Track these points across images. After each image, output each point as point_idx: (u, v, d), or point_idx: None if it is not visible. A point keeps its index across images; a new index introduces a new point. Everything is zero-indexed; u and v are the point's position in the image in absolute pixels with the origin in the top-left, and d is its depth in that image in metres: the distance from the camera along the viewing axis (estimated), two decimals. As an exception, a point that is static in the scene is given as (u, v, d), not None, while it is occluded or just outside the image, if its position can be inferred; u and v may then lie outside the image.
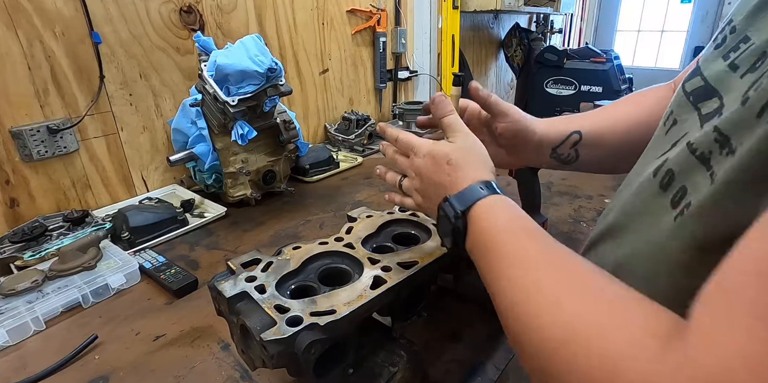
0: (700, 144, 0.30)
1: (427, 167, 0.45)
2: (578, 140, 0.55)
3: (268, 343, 0.38)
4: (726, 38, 0.34)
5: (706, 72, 0.35)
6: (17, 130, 0.87)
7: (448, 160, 0.44)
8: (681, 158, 0.32)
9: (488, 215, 0.40)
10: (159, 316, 0.68)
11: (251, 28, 1.24)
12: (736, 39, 0.32)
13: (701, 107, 0.34)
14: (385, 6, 1.64)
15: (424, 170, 0.46)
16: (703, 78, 0.35)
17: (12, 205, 0.90)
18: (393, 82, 1.82)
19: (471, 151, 0.45)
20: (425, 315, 0.55)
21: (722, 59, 0.33)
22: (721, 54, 0.33)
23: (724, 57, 0.33)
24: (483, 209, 0.40)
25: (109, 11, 0.96)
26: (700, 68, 0.36)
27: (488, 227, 0.39)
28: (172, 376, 0.56)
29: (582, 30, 4.01)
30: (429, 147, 0.46)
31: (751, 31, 0.31)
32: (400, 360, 0.48)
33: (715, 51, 0.35)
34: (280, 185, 1.08)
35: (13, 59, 0.85)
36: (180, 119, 1.01)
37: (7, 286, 0.68)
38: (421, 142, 0.47)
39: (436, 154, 0.45)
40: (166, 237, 0.90)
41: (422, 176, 0.46)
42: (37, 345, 0.63)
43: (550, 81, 2.86)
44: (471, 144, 0.46)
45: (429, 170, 0.45)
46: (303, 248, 0.53)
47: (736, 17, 0.34)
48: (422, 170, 0.46)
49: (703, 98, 0.34)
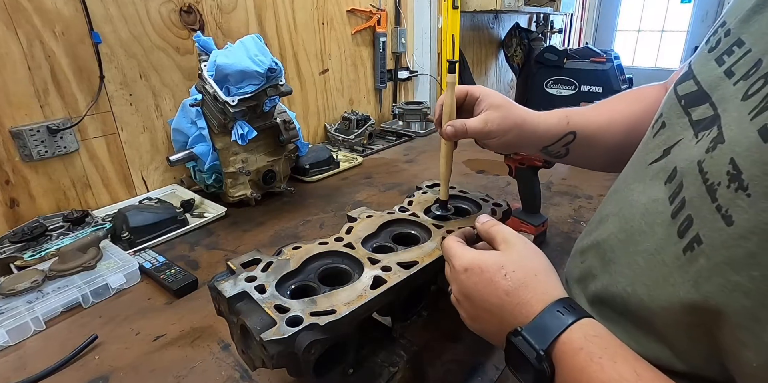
0: (712, 174, 0.28)
1: (473, 284, 0.37)
2: (572, 140, 0.55)
3: (268, 343, 0.38)
4: (720, 41, 0.33)
5: (699, 76, 0.34)
6: (17, 130, 0.87)
7: (505, 273, 0.35)
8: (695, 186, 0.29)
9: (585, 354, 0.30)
10: (159, 316, 0.68)
11: (251, 28, 1.24)
12: (729, 42, 0.32)
13: (692, 112, 0.33)
14: (385, 6, 1.64)
15: (471, 289, 0.37)
16: (697, 82, 0.34)
17: (12, 205, 0.90)
18: (393, 82, 1.82)
19: (531, 260, 0.37)
20: (425, 315, 0.55)
21: (716, 63, 0.32)
22: (714, 57, 0.33)
23: (717, 60, 0.32)
24: (574, 345, 0.31)
25: (109, 11, 0.96)
26: (693, 71, 0.35)
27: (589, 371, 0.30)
28: (172, 376, 0.56)
29: (582, 30, 4.01)
30: (470, 259, 0.37)
31: (745, 35, 0.30)
32: (400, 360, 0.48)
33: (709, 54, 0.34)
34: (280, 185, 1.08)
35: (13, 59, 0.85)
36: (180, 119, 1.01)
37: (7, 286, 0.68)
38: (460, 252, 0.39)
39: (484, 266, 0.36)
40: (166, 237, 0.90)
41: (469, 296, 0.38)
42: (37, 345, 0.63)
43: (550, 81, 2.85)
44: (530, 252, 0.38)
45: (477, 288, 0.36)
46: (303, 248, 0.53)
47: (729, 19, 0.33)
48: (467, 289, 0.37)
49: (695, 103, 0.33)
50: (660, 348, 0.32)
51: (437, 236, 0.55)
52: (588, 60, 2.76)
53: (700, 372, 0.30)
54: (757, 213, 0.24)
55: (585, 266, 0.42)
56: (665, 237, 0.31)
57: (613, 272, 0.37)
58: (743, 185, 0.25)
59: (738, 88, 0.29)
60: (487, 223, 0.42)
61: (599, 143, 0.55)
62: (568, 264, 0.48)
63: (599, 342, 0.31)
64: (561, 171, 1.22)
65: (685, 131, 0.34)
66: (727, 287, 0.25)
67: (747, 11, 0.31)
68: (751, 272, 0.24)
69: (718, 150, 0.28)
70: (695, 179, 0.29)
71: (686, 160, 0.32)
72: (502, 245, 0.39)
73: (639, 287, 0.33)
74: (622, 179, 0.43)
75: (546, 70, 2.84)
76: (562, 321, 0.32)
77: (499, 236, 0.40)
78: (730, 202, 0.26)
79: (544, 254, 0.38)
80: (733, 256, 0.25)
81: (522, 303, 0.34)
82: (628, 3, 4.25)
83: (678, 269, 0.29)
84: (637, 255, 0.34)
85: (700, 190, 0.28)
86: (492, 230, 0.41)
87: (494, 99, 0.52)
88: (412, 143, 1.55)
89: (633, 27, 4.30)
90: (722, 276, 0.26)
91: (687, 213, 0.29)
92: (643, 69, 4.05)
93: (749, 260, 0.24)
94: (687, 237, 0.29)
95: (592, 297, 0.40)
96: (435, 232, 0.57)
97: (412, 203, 0.64)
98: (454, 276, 0.39)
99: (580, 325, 0.32)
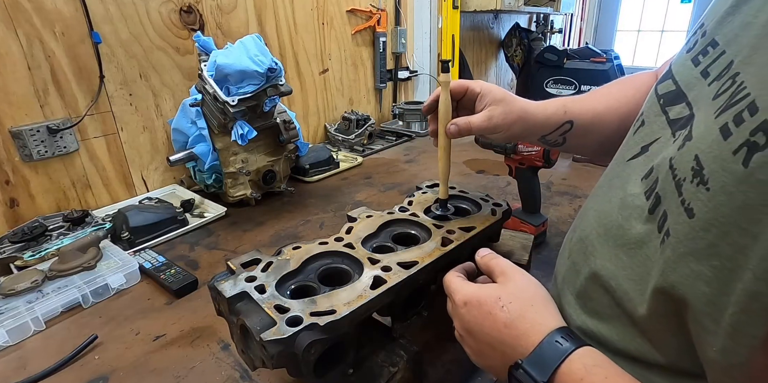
0: (679, 170, 0.29)
1: (472, 318, 0.37)
2: (569, 129, 0.55)
3: (268, 343, 0.38)
4: (697, 42, 0.34)
5: (678, 76, 0.35)
6: (17, 130, 0.87)
7: (502, 306, 0.35)
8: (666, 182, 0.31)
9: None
10: (159, 316, 0.68)
11: (251, 28, 1.24)
12: (705, 43, 0.32)
13: (669, 110, 0.34)
14: (385, 6, 1.64)
15: (471, 323, 0.37)
16: (675, 82, 0.35)
17: (12, 205, 0.90)
18: (393, 82, 1.82)
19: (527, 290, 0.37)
20: (425, 315, 0.55)
21: (692, 63, 0.33)
22: (691, 57, 0.34)
23: (693, 60, 0.33)
24: (575, 375, 0.32)
25: (109, 11, 0.96)
26: (672, 71, 0.36)
27: None
28: (172, 376, 0.56)
29: (582, 30, 4.01)
30: (469, 293, 0.38)
31: (718, 36, 0.31)
32: (400, 360, 0.48)
33: (686, 54, 0.35)
34: (280, 185, 1.08)
35: (13, 59, 0.85)
36: (180, 118, 1.01)
37: (7, 286, 0.68)
38: (460, 286, 0.39)
39: (482, 299, 0.37)
40: (166, 237, 0.90)
41: (470, 330, 0.38)
42: (37, 345, 0.63)
43: (550, 81, 2.85)
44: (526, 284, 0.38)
45: (477, 322, 0.37)
46: (303, 248, 0.53)
47: (707, 20, 0.34)
48: (468, 323, 0.38)
49: (672, 102, 0.34)
50: (641, 341, 0.33)
51: (437, 236, 0.55)
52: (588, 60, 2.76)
53: (677, 364, 0.31)
54: (716, 207, 0.25)
55: (570, 261, 0.43)
56: (647, 233, 0.32)
57: (594, 266, 0.37)
58: (704, 179, 0.26)
59: (711, 89, 0.30)
60: (486, 256, 0.43)
61: (595, 131, 0.55)
62: (557, 260, 0.48)
63: (599, 372, 0.31)
64: (561, 171, 1.22)
65: (662, 129, 0.35)
66: (690, 276, 0.27)
67: (722, 13, 0.32)
68: (712, 261, 0.26)
69: (686, 147, 0.29)
70: (667, 175, 0.30)
71: (662, 157, 0.33)
72: (500, 277, 0.39)
73: (624, 281, 0.34)
74: (604, 174, 0.44)
75: (546, 70, 2.84)
76: (560, 351, 0.33)
77: (498, 269, 0.40)
78: (692, 196, 0.27)
79: (542, 285, 0.39)
80: (695, 247, 0.26)
81: (520, 335, 0.34)
82: (628, 3, 4.25)
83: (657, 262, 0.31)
84: (619, 250, 0.35)
85: (670, 186, 0.30)
86: (491, 264, 0.41)
87: (496, 94, 0.52)
88: (412, 143, 1.55)
89: (633, 27, 4.31)
90: (686, 266, 0.27)
91: (663, 209, 0.31)
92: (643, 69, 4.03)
93: (709, 251, 0.26)
94: (662, 231, 0.30)
95: (577, 291, 0.40)
96: (435, 232, 0.57)
97: (412, 203, 0.64)
98: (456, 311, 0.40)
99: (579, 355, 0.32)
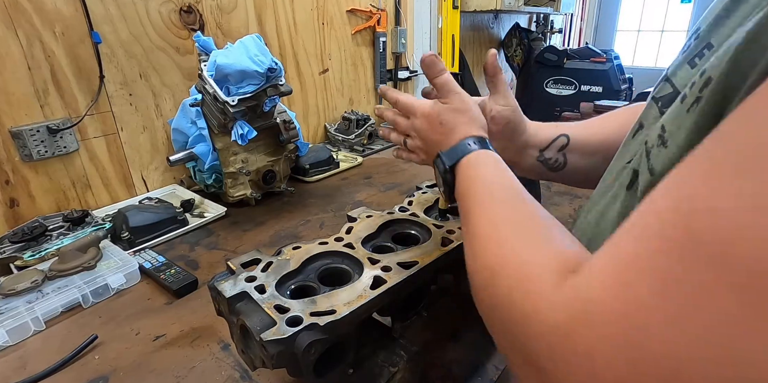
0: (649, 142, 0.32)
1: (424, 128, 0.50)
2: (566, 143, 0.56)
3: (268, 343, 0.38)
4: (692, 45, 0.34)
5: (674, 79, 0.36)
6: (17, 130, 0.87)
7: (441, 121, 0.48)
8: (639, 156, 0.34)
9: (472, 168, 0.43)
10: (159, 316, 0.68)
11: (251, 28, 1.24)
12: (700, 45, 0.33)
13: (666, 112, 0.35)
14: (385, 6, 1.64)
15: (423, 130, 0.51)
16: (672, 85, 0.35)
17: (12, 205, 0.90)
18: (393, 82, 1.82)
19: (463, 112, 0.48)
20: (425, 315, 0.55)
21: (688, 65, 0.34)
22: (686, 60, 0.34)
23: (690, 63, 0.34)
24: (469, 163, 0.44)
25: (109, 11, 0.96)
26: (668, 75, 0.37)
27: (470, 178, 0.43)
28: (172, 376, 0.56)
29: (582, 30, 4.01)
30: (424, 109, 0.51)
31: (714, 38, 0.31)
32: (400, 360, 0.48)
33: (681, 57, 0.35)
34: (280, 185, 1.08)
35: (13, 59, 0.85)
36: (180, 118, 1.01)
37: (7, 286, 0.68)
38: (419, 104, 0.52)
39: (429, 115, 0.49)
40: (166, 237, 0.90)
41: (421, 135, 0.51)
42: (37, 345, 0.63)
43: (550, 81, 2.86)
44: (462, 104, 0.49)
45: (426, 130, 0.50)
46: (303, 248, 0.53)
47: (702, 24, 0.34)
48: (421, 131, 0.51)
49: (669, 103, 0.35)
50: None
51: (437, 236, 0.55)
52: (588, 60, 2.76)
53: None
54: (669, 160, 0.28)
55: None
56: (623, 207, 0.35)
57: None
58: (664, 140, 0.30)
59: None
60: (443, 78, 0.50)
61: (595, 149, 0.55)
62: None
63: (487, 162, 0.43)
64: (561, 171, 1.22)
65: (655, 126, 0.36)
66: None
67: (715, 16, 0.32)
68: None
69: (657, 123, 0.32)
70: (641, 150, 0.34)
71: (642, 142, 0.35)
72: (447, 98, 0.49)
73: None
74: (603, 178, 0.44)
75: (546, 70, 2.84)
76: (468, 148, 0.45)
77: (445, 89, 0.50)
78: (655, 158, 0.30)
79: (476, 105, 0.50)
80: None
81: (447, 138, 0.47)
82: (628, 3, 4.25)
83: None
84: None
85: (642, 157, 0.33)
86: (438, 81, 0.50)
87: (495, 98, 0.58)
88: (412, 143, 1.55)
89: (633, 27, 4.31)
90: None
91: (636, 181, 0.33)
92: (643, 69, 4.05)
93: None
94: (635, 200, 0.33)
95: None
96: (435, 232, 0.57)
97: (412, 203, 0.64)
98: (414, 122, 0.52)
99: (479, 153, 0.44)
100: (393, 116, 0.57)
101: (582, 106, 2.44)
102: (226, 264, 0.50)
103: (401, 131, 0.56)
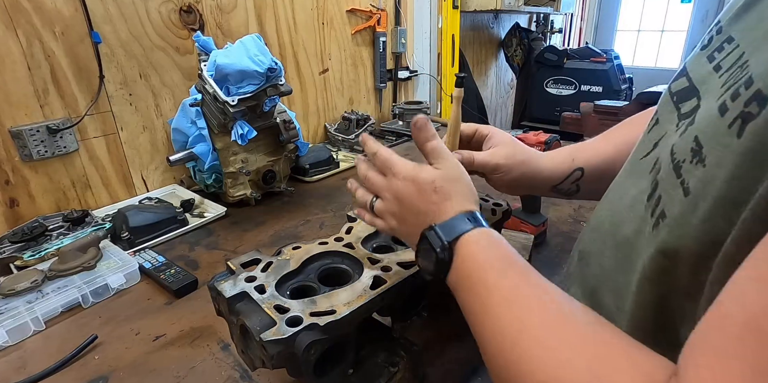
0: (679, 153, 0.30)
1: (409, 192, 0.43)
2: (580, 176, 0.54)
3: (267, 343, 0.38)
4: (712, 39, 0.34)
5: (692, 73, 0.35)
6: (17, 130, 0.87)
7: (435, 187, 0.42)
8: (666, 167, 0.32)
9: (475, 249, 0.38)
10: (159, 316, 0.68)
11: (251, 27, 1.24)
12: (720, 39, 0.32)
13: (682, 106, 0.34)
14: (385, 6, 1.64)
15: (406, 195, 0.43)
16: (689, 78, 0.35)
17: (12, 205, 0.90)
18: (393, 82, 1.82)
19: (458, 180, 0.44)
20: (425, 315, 0.55)
21: (707, 60, 0.33)
22: (706, 54, 0.34)
23: (708, 58, 0.33)
24: (470, 242, 0.39)
25: (109, 11, 0.96)
26: (686, 69, 0.36)
27: (475, 262, 0.38)
28: (172, 376, 0.56)
29: (582, 30, 4.01)
30: (412, 171, 0.43)
31: (735, 32, 0.31)
32: (400, 360, 0.48)
33: (701, 52, 0.35)
34: (280, 185, 1.08)
35: (13, 59, 0.85)
36: (180, 118, 1.01)
37: (7, 286, 0.68)
38: (403, 163, 0.45)
39: (421, 179, 0.42)
40: (166, 237, 0.90)
41: (402, 200, 0.44)
42: (37, 345, 0.63)
43: (550, 81, 2.86)
44: (458, 173, 0.44)
45: (411, 196, 0.43)
46: (303, 248, 0.53)
47: (723, 18, 0.34)
48: (402, 195, 0.44)
49: (686, 98, 0.34)
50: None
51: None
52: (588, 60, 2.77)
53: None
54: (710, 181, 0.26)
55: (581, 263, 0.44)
56: (641, 221, 0.33)
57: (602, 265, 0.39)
58: (702, 157, 0.27)
59: (722, 80, 0.30)
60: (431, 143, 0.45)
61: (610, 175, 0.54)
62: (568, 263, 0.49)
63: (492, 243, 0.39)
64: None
65: (672, 123, 0.35)
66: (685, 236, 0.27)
67: (737, 10, 0.32)
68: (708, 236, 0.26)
69: (687, 132, 0.30)
70: (667, 161, 0.31)
71: (665, 146, 0.33)
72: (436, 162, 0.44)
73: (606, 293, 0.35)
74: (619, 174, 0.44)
75: (546, 70, 2.85)
76: (468, 225, 0.40)
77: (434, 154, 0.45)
78: (689, 174, 0.28)
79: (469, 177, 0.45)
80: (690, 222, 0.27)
81: (443, 210, 0.41)
82: (628, 3, 4.25)
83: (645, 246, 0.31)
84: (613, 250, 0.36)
85: (668, 169, 0.30)
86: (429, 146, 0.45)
87: (503, 137, 0.55)
88: (412, 143, 1.54)
89: (633, 27, 4.30)
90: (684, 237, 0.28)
91: (658, 194, 0.31)
92: (643, 69, 4.04)
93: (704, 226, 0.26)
94: (655, 215, 0.31)
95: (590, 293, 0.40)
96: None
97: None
98: (391, 182, 0.45)
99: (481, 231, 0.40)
100: (366, 170, 0.48)
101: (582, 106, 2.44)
102: (226, 264, 0.50)
103: (372, 190, 0.48)
